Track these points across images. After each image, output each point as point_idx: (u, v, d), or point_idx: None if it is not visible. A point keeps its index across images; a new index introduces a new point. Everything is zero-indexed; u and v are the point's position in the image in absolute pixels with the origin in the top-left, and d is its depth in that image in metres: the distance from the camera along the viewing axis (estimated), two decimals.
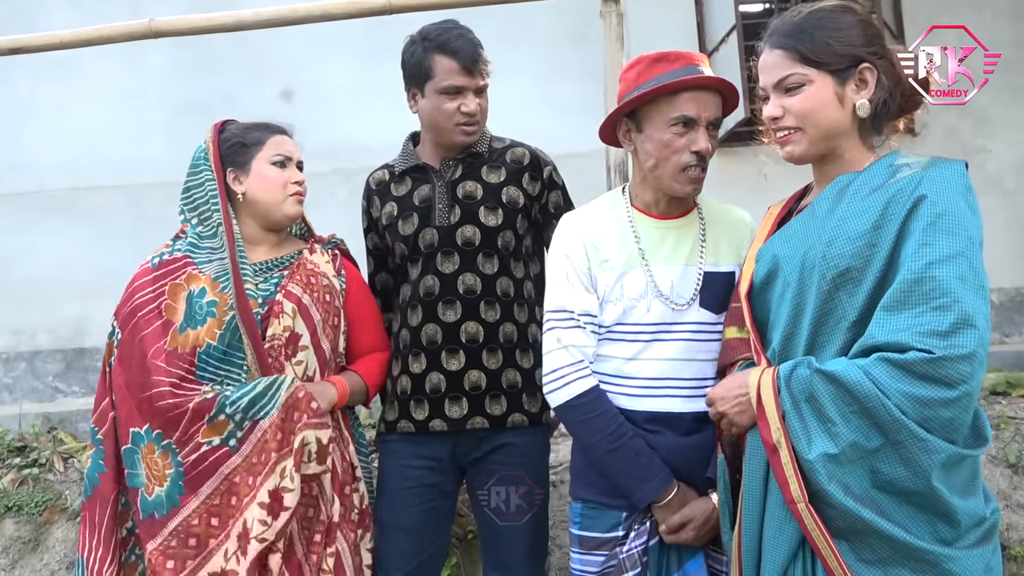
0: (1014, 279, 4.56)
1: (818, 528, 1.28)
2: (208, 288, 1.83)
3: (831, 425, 1.27)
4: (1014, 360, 3.91)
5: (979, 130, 4.58)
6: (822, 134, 1.42)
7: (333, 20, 2.48)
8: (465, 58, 1.94)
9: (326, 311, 1.93)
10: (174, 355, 1.80)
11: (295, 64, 4.71)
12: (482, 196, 2.02)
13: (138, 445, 1.80)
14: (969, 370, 1.21)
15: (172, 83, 4.69)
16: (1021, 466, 2.67)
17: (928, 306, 1.23)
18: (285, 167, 1.95)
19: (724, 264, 1.68)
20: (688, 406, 1.63)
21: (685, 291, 1.65)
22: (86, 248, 4.60)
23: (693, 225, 1.70)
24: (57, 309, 4.68)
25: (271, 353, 1.83)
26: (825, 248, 1.35)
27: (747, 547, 1.41)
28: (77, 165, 4.71)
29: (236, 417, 1.76)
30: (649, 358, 1.64)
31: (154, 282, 1.87)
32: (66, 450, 3.31)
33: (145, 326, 1.83)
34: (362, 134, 4.68)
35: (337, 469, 1.85)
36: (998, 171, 4.50)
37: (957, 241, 1.25)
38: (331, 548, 1.80)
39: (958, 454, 1.25)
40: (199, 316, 1.81)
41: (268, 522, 1.71)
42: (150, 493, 1.77)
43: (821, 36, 1.40)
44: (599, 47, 2.80)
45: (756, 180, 4.44)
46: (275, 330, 1.84)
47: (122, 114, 4.71)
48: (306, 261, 1.97)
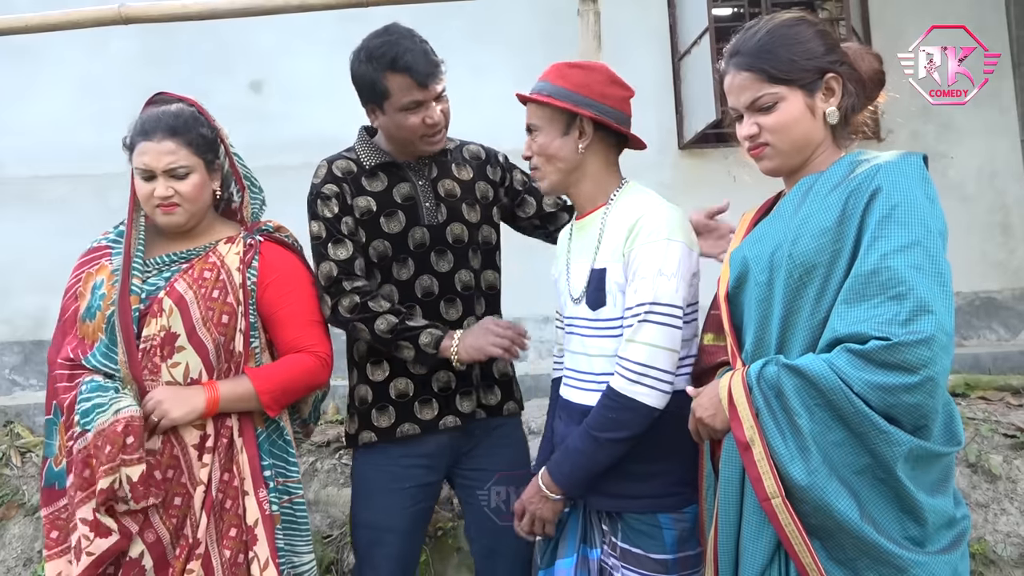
0: (972, 283, 4.67)
1: (793, 524, 1.28)
2: (105, 281, 1.79)
3: (797, 418, 1.29)
4: (972, 362, 4.00)
5: (942, 136, 4.68)
6: (797, 147, 1.46)
7: (311, 11, 2.44)
8: (419, 73, 1.86)
9: (209, 307, 1.77)
10: (80, 344, 1.80)
11: (265, 55, 4.66)
12: (461, 194, 2.03)
13: (57, 419, 1.81)
14: (928, 354, 1.22)
15: (139, 71, 4.59)
16: (980, 466, 2.73)
17: (884, 296, 1.25)
18: (151, 180, 1.78)
19: (602, 262, 1.68)
20: (578, 397, 1.72)
21: (578, 288, 1.73)
22: (46, 238, 4.48)
23: (595, 224, 1.73)
24: (15, 300, 4.57)
25: (144, 354, 1.73)
26: (791, 247, 1.37)
27: (724, 551, 1.42)
28: (38, 153, 4.61)
29: (77, 417, 1.69)
30: (567, 350, 1.80)
31: (79, 267, 1.87)
32: (23, 444, 3.24)
33: (64, 311, 1.85)
34: (333, 127, 4.60)
35: (211, 481, 1.74)
36: (959, 177, 4.60)
37: (911, 231, 1.27)
38: (191, 564, 1.69)
39: (921, 447, 1.26)
40: (93, 308, 1.78)
41: (91, 538, 1.64)
42: (56, 464, 1.79)
43: (785, 54, 1.43)
44: (573, 46, 2.81)
45: (725, 181, 4.47)
46: (151, 330, 1.74)
47: (86, 102, 4.61)
48: (212, 254, 1.83)
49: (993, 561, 2.57)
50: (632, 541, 1.64)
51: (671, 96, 4.74)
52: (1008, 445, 2.82)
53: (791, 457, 1.28)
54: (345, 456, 3.00)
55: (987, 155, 4.73)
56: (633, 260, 1.61)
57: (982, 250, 4.64)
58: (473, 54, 4.16)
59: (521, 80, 2.43)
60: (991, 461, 2.72)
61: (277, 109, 4.67)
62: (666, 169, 4.56)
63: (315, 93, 4.62)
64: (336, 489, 2.89)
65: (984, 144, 4.71)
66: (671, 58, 4.75)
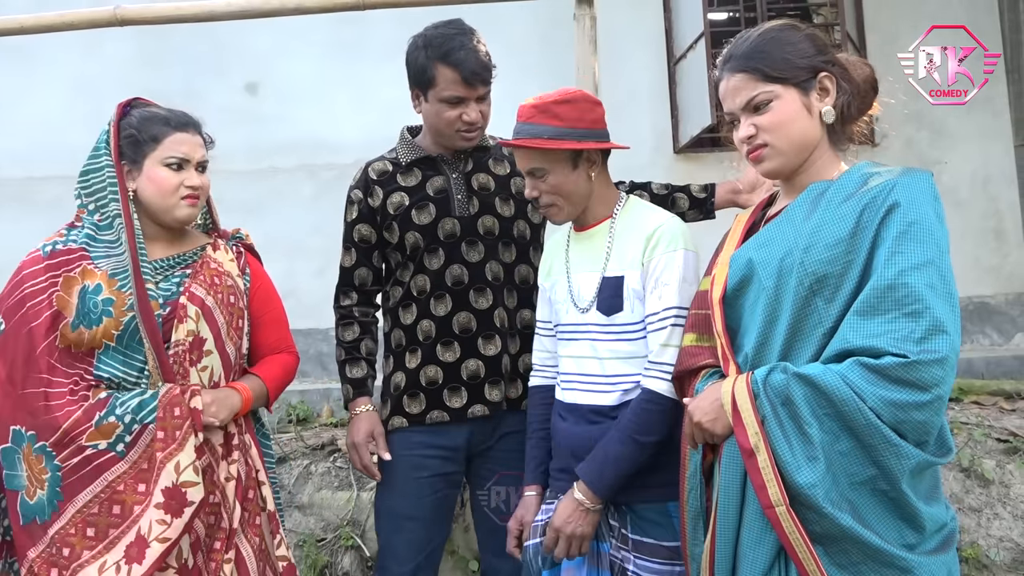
0: (966, 288, 4.68)
1: (798, 532, 1.28)
2: (104, 285, 1.72)
3: (808, 427, 1.29)
4: (966, 367, 4.01)
5: (936, 142, 4.70)
6: (796, 147, 1.45)
7: (307, 14, 2.45)
8: (467, 71, 1.93)
9: (230, 313, 1.84)
10: (74, 357, 1.71)
11: (261, 57, 4.65)
12: (495, 188, 2.09)
13: (19, 445, 1.68)
14: (941, 374, 1.24)
15: (134, 73, 4.59)
16: (973, 470, 2.74)
17: (900, 312, 1.26)
18: (181, 169, 1.79)
19: (617, 270, 1.75)
20: (588, 399, 1.77)
21: (587, 295, 1.78)
22: (40, 239, 4.47)
23: (603, 234, 1.80)
24: None
25: (175, 359, 1.75)
26: (803, 254, 1.36)
27: (720, 557, 1.42)
28: (32, 154, 4.60)
29: (126, 419, 1.66)
30: (568, 355, 1.83)
31: (46, 271, 1.75)
32: None
33: (34, 317, 1.71)
34: (328, 130, 4.64)
35: (240, 475, 1.79)
36: (953, 183, 4.61)
37: (927, 249, 1.28)
38: (229, 554, 1.73)
39: (927, 460, 1.28)
40: (94, 315, 1.70)
41: (168, 521, 1.63)
42: (31, 496, 1.66)
43: (778, 53, 1.45)
44: (569, 50, 2.81)
45: None
46: (179, 335, 1.75)
47: (81, 103, 4.59)
48: (209, 259, 1.86)
49: (986, 566, 2.58)
50: (644, 531, 1.69)
51: (667, 100, 4.75)
52: (1001, 450, 2.83)
53: (798, 465, 1.28)
54: (340, 459, 3.00)
55: (981, 161, 4.75)
56: (655, 268, 1.70)
57: (975, 255, 4.66)
58: None
59: (519, 83, 2.45)
60: (984, 466, 2.73)
61: (272, 111, 4.67)
62: (661, 172, 4.53)
63: (310, 95, 4.63)
64: (331, 492, 2.88)
65: (978, 150, 4.73)
66: (667, 62, 4.76)
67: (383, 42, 4.66)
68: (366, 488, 2.85)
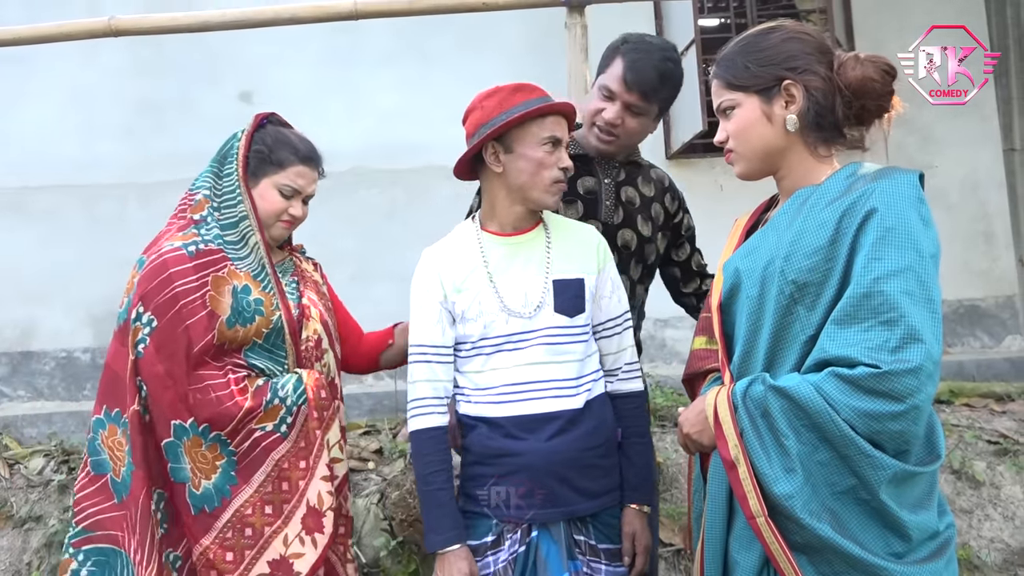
0: (957, 291, 4.72)
1: (777, 542, 1.30)
2: (252, 286, 1.82)
3: (784, 439, 1.30)
4: (957, 369, 4.05)
5: (925, 147, 4.74)
6: (756, 153, 1.47)
7: (300, 23, 2.47)
8: (632, 76, 1.94)
9: (331, 317, 1.99)
10: (223, 351, 1.77)
11: (254, 66, 4.66)
12: (639, 205, 2.10)
13: (181, 439, 1.73)
14: (915, 383, 1.22)
15: (128, 82, 4.61)
16: (964, 472, 2.76)
17: (876, 320, 1.25)
18: (290, 198, 1.90)
19: (573, 273, 1.78)
20: (554, 405, 1.71)
21: (533, 300, 1.75)
22: (35, 249, 4.49)
23: (540, 239, 1.81)
24: (3, 311, 4.55)
25: (305, 355, 1.88)
26: (783, 263, 1.36)
27: (710, 565, 1.43)
28: (27, 163, 4.60)
29: (287, 401, 1.78)
30: (513, 365, 1.73)
31: (196, 271, 1.77)
32: (12, 456, 3.23)
33: (189, 315, 1.74)
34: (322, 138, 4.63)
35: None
36: (943, 187, 4.65)
37: (905, 255, 1.27)
38: (352, 539, 1.89)
39: (905, 471, 1.27)
40: (247, 313, 1.79)
41: (333, 492, 1.78)
42: (197, 487, 1.72)
43: (741, 61, 1.46)
44: (560, 58, 2.84)
45: (712, 191, 4.53)
46: (307, 333, 1.89)
47: (76, 113, 4.61)
48: (302, 270, 2.00)
49: (977, 567, 2.60)
50: (611, 538, 1.75)
51: None
52: (991, 452, 2.86)
53: (775, 477, 1.29)
54: None
55: (970, 165, 4.79)
56: (611, 274, 1.83)
57: (965, 259, 4.70)
58: (464, 64, 4.17)
59: None
60: (975, 468, 2.75)
61: None
62: None
63: (304, 104, 4.62)
64: None
65: (967, 154, 4.77)
66: None
67: (377, 50, 4.53)
68: (361, 495, 2.86)
